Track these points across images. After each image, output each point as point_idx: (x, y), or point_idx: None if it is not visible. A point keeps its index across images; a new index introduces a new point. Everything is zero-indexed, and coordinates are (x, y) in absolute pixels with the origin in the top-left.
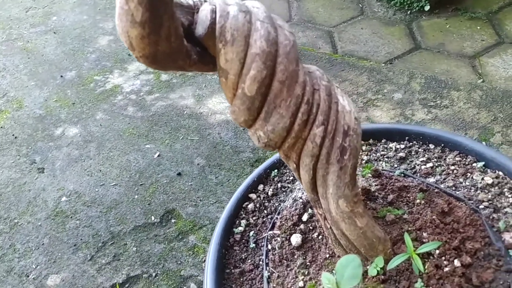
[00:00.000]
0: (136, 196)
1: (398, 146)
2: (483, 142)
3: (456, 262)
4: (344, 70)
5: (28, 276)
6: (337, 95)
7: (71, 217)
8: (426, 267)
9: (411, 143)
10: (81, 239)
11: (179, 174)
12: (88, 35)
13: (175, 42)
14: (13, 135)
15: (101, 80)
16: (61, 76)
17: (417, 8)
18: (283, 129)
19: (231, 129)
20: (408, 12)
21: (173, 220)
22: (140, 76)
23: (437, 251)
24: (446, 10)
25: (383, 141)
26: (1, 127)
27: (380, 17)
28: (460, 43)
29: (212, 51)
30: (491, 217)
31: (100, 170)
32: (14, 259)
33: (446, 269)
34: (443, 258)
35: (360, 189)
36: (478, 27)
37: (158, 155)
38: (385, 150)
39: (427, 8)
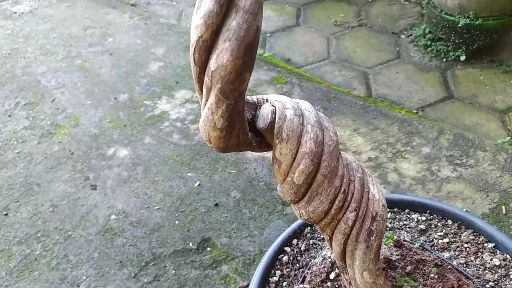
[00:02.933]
0: (176, 222)
1: (419, 218)
2: (503, 207)
3: None
4: (376, 118)
5: (78, 286)
6: (369, 184)
7: (118, 235)
8: None
9: (431, 216)
10: (126, 257)
11: (216, 204)
12: (140, 59)
13: (242, 138)
14: (69, 150)
15: (150, 105)
16: (115, 98)
17: (452, 57)
18: (322, 211)
19: (266, 166)
20: (444, 60)
21: (208, 249)
22: (185, 104)
23: None
24: (481, 61)
25: (406, 211)
26: (60, 142)
27: (416, 62)
28: (492, 96)
29: (268, 140)
30: None
31: (146, 193)
32: (67, 269)
33: None
34: None
35: (382, 260)
36: None
37: (198, 184)
38: (408, 220)
39: (462, 58)
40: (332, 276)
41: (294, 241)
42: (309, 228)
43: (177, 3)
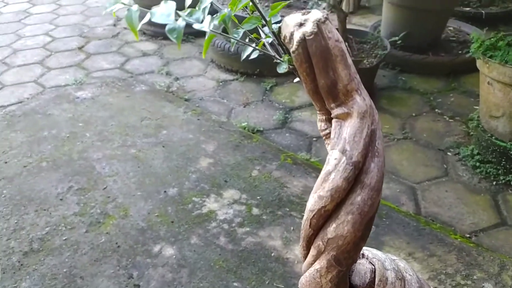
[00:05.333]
0: None
1: None
2: None
3: None
4: (432, 243)
5: None
6: None
7: None
8: None
9: None
10: None
11: None
12: (191, 154)
13: None
14: (116, 243)
15: (199, 202)
16: (165, 192)
17: (503, 181)
18: None
19: None
20: (494, 183)
21: None
22: (233, 205)
23: None
24: None
25: None
26: (107, 232)
27: (464, 181)
28: None
29: None
30: None
31: None
32: None
33: None
34: None
35: None
36: None
37: None
38: None
39: None
40: None
41: None
42: None
43: (227, 101)
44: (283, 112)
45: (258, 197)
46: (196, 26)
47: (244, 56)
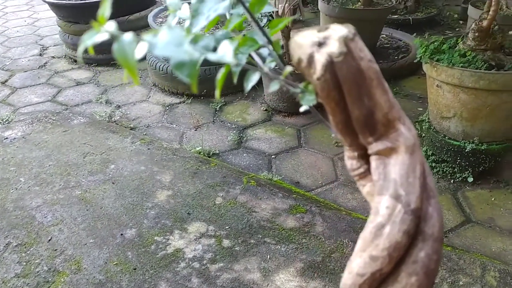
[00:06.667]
0: None
1: None
2: None
3: None
4: None
5: None
6: None
7: None
8: None
9: None
10: None
11: None
12: (146, 188)
13: None
14: None
15: (162, 241)
16: (121, 235)
17: (460, 178)
18: None
19: None
20: (452, 181)
21: None
22: (201, 239)
23: None
24: (487, 182)
25: None
26: None
27: None
28: (510, 218)
29: None
30: None
31: None
32: None
33: None
34: None
35: None
36: None
37: None
38: None
39: (470, 179)
40: None
41: None
42: None
43: (177, 126)
44: (237, 132)
45: (227, 227)
46: (212, 56)
47: (249, 87)
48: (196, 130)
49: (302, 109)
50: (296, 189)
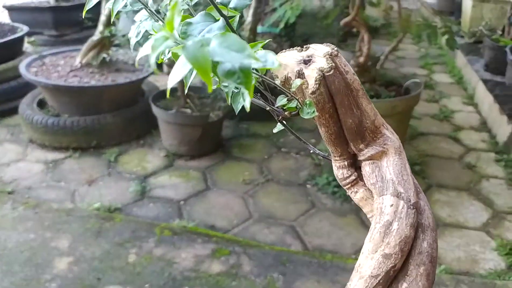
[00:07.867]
0: None
1: None
2: None
3: None
4: (338, 275)
5: None
6: None
7: None
8: None
9: None
10: None
11: None
12: (40, 259)
13: None
14: None
15: None
16: None
17: None
18: None
19: None
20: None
21: None
22: None
23: None
24: None
25: None
26: None
27: (330, 208)
28: None
29: None
30: None
31: None
32: None
33: None
34: None
35: None
36: None
37: None
38: None
39: None
40: None
41: None
42: None
43: (66, 183)
44: (138, 182)
45: (147, 285)
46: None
47: (239, 108)
48: (90, 185)
49: (275, 130)
50: (214, 233)
